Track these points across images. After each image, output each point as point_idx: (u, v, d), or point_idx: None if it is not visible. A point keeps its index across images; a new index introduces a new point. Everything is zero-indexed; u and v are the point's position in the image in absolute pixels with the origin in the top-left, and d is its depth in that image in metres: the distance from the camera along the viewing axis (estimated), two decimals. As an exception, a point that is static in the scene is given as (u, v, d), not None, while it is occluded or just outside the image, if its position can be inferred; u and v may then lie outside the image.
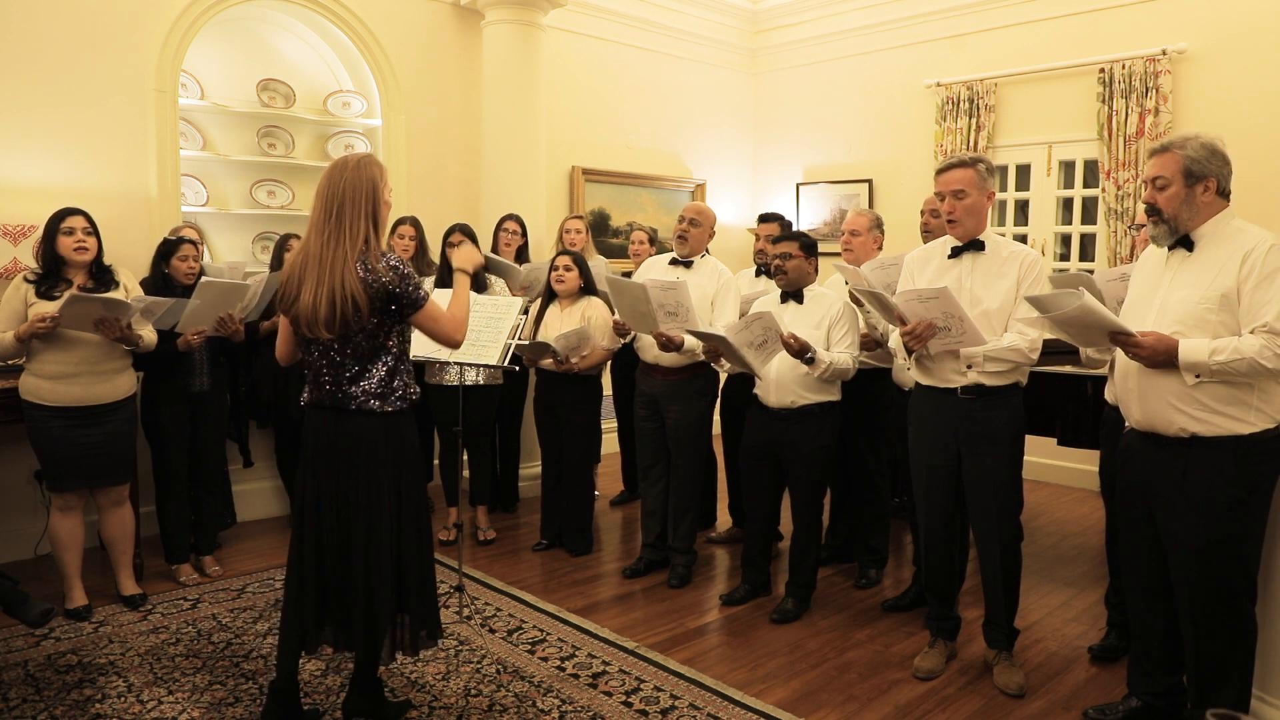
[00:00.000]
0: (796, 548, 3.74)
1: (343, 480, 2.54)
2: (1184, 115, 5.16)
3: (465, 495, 4.69)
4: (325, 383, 2.55)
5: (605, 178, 6.56)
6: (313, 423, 2.60)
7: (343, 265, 2.41)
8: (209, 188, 5.00)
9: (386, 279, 2.44)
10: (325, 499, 2.56)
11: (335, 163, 2.52)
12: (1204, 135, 2.48)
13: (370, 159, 2.54)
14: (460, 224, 4.55)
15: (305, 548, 2.58)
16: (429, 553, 2.70)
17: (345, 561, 2.56)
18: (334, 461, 2.55)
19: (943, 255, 3.10)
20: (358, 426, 2.53)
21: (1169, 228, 2.50)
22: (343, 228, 2.44)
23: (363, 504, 2.54)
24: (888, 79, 6.62)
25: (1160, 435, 2.51)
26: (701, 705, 2.94)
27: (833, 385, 3.64)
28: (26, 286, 3.41)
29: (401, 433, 2.59)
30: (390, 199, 2.59)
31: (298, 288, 2.47)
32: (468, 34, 5.67)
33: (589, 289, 4.40)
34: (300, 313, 2.47)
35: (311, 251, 2.46)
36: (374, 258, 2.44)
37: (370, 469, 2.54)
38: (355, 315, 2.42)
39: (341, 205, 2.45)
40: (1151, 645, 2.71)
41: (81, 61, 4.27)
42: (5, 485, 4.15)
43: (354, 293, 2.40)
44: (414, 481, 2.64)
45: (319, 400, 2.58)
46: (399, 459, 2.59)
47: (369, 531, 2.54)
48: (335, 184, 2.47)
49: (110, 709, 2.85)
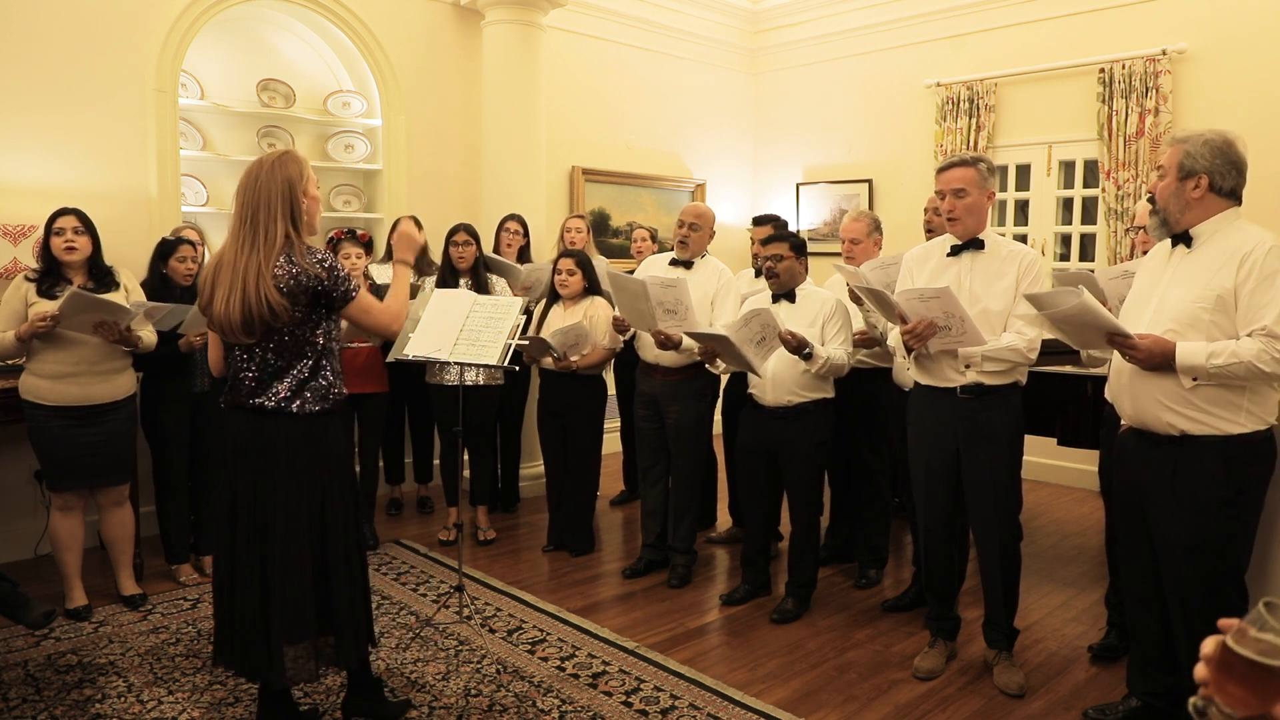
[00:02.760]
0: (796, 548, 3.74)
1: (260, 486, 2.44)
2: (1184, 115, 5.16)
3: (465, 495, 4.69)
4: (244, 383, 2.45)
5: (605, 178, 6.56)
6: (231, 425, 2.50)
7: (256, 271, 2.33)
8: (209, 188, 5.00)
9: (314, 275, 2.37)
10: (242, 507, 2.45)
11: (251, 165, 2.44)
12: (1213, 133, 2.44)
13: (287, 156, 2.44)
14: (464, 224, 4.52)
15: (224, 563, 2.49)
16: (359, 562, 2.61)
17: (261, 576, 2.44)
18: (251, 466, 2.44)
19: (942, 253, 3.10)
20: (276, 429, 2.43)
21: (1160, 219, 2.53)
22: (257, 232, 2.37)
23: (280, 512, 2.43)
24: (888, 79, 6.61)
25: (1151, 433, 2.52)
26: (701, 705, 2.94)
27: (827, 382, 3.64)
28: (27, 286, 3.41)
29: (325, 436, 2.49)
30: (315, 191, 2.48)
31: (211, 292, 2.41)
32: (468, 34, 5.67)
33: (593, 289, 4.40)
34: (215, 317, 2.41)
35: (225, 258, 2.40)
36: (299, 253, 2.37)
37: (289, 475, 2.43)
38: (272, 317, 2.35)
39: (256, 210, 2.38)
40: (1150, 645, 2.71)
41: (82, 61, 4.27)
42: (5, 485, 4.15)
43: (267, 297, 2.31)
44: (340, 488, 2.52)
45: (238, 401, 2.48)
46: (321, 464, 2.48)
47: (287, 541, 2.42)
48: (249, 188, 2.39)
49: (110, 709, 2.85)
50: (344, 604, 2.53)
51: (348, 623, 2.54)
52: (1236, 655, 0.87)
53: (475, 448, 4.58)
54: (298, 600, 2.44)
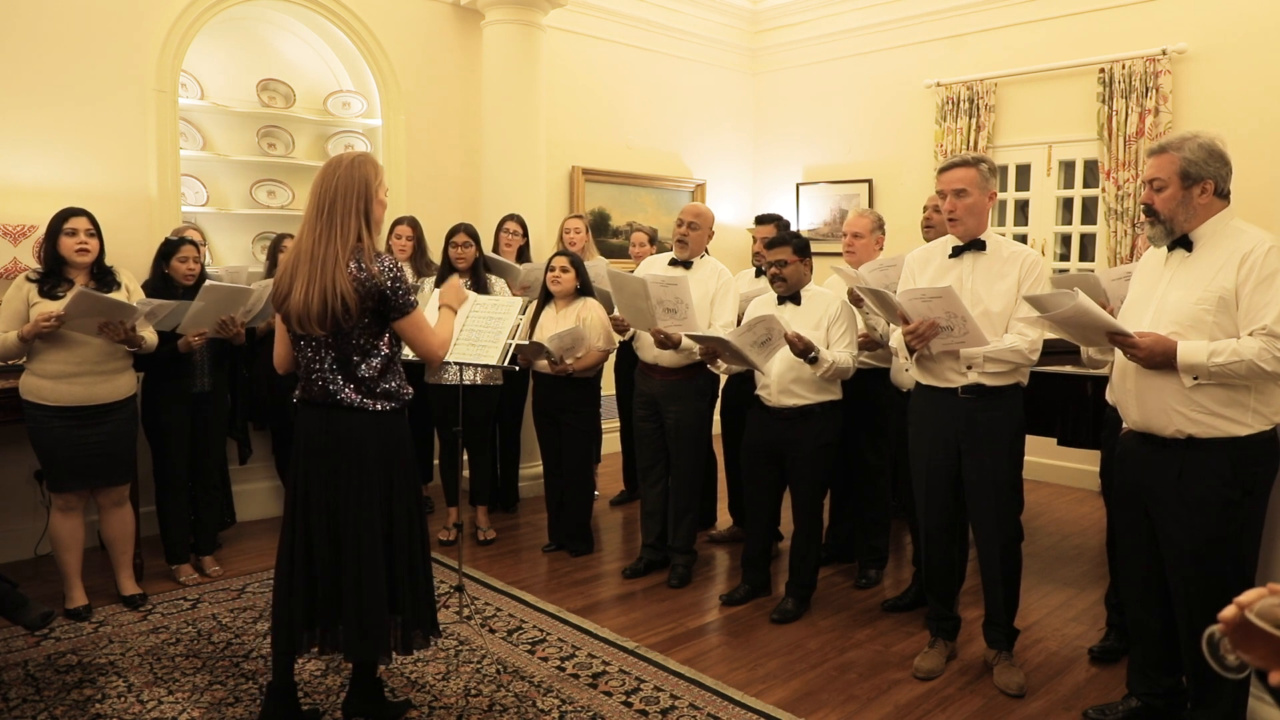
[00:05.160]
0: (797, 548, 3.73)
1: (333, 478, 2.53)
2: (1184, 115, 5.16)
3: (465, 495, 4.69)
4: (317, 379, 2.53)
5: (605, 178, 6.56)
6: (304, 419, 2.59)
7: (334, 262, 2.40)
8: (209, 188, 5.00)
9: (380, 279, 2.43)
10: (315, 497, 2.54)
11: (330, 161, 2.52)
12: (1203, 135, 2.46)
13: (365, 158, 2.53)
14: (464, 224, 4.51)
15: (295, 546, 2.57)
16: (424, 553, 2.69)
17: (335, 561, 2.55)
18: (325, 459, 2.53)
19: (943, 255, 3.10)
20: (349, 424, 2.52)
21: (1165, 228, 2.50)
22: (334, 225, 2.42)
23: (353, 503, 2.52)
24: (888, 79, 6.61)
25: (1157, 436, 2.51)
26: (701, 705, 2.94)
27: (834, 384, 3.64)
28: (29, 286, 3.41)
29: (394, 432, 2.58)
30: (385, 199, 2.57)
31: (289, 284, 2.46)
32: (468, 34, 5.67)
33: (585, 290, 4.40)
34: (292, 309, 2.46)
35: (304, 248, 2.45)
36: (368, 257, 2.44)
37: (361, 467, 2.52)
38: (345, 314, 2.41)
39: (333, 203, 2.44)
40: (1150, 646, 2.71)
41: (82, 61, 4.27)
42: (5, 485, 4.15)
43: (344, 291, 2.39)
44: (406, 481, 2.62)
45: (311, 397, 2.56)
46: (390, 458, 2.57)
47: (359, 530, 2.52)
48: (328, 182, 2.46)
49: (110, 709, 2.85)
50: (405, 594, 2.61)
51: (409, 611, 2.62)
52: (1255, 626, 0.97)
53: (475, 447, 4.58)
54: (373, 585, 2.53)
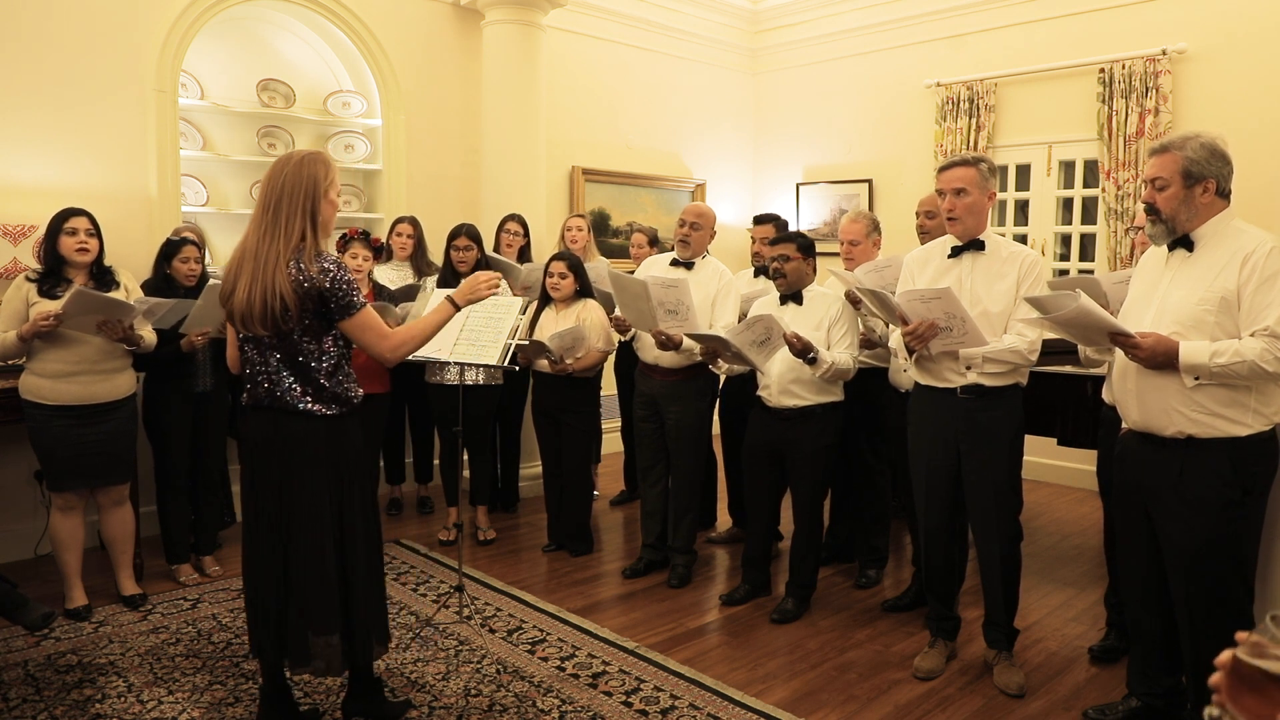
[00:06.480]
0: (797, 548, 3.73)
1: (281, 483, 2.46)
2: (1184, 115, 5.16)
3: (465, 495, 4.69)
4: (263, 382, 2.47)
5: (605, 178, 6.56)
6: (251, 423, 2.52)
7: (275, 262, 2.34)
8: (209, 188, 5.00)
9: (319, 280, 2.36)
10: (264, 503, 2.48)
11: (280, 157, 2.45)
12: (1204, 135, 2.46)
13: (316, 156, 2.45)
14: (466, 226, 4.50)
15: (250, 555, 2.53)
16: (378, 560, 2.65)
17: (283, 570, 2.48)
18: (272, 464, 2.47)
19: (942, 255, 3.10)
20: (296, 429, 2.45)
21: (1167, 228, 2.50)
22: (279, 224, 2.37)
23: (303, 509, 2.46)
24: (888, 79, 6.61)
25: (1157, 436, 2.51)
26: (701, 705, 2.94)
27: (835, 385, 3.64)
28: (28, 285, 3.41)
29: (343, 436, 2.51)
30: (337, 199, 2.49)
31: (234, 282, 2.41)
32: (468, 34, 5.67)
33: (585, 291, 4.39)
34: (235, 308, 2.41)
35: (249, 246, 2.40)
36: (308, 257, 2.36)
37: (309, 473, 2.46)
38: (284, 315, 2.35)
39: (279, 201, 2.38)
40: (1150, 646, 2.71)
41: (82, 61, 4.27)
42: (5, 485, 4.15)
43: (283, 291, 2.33)
44: (358, 486, 2.55)
45: (257, 400, 2.49)
46: (340, 463, 2.50)
47: (309, 537, 2.46)
48: (276, 179, 2.40)
49: (110, 709, 2.85)
50: (359, 602, 2.55)
51: (361, 621, 2.57)
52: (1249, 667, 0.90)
53: (475, 447, 4.57)
54: (319, 594, 2.47)
